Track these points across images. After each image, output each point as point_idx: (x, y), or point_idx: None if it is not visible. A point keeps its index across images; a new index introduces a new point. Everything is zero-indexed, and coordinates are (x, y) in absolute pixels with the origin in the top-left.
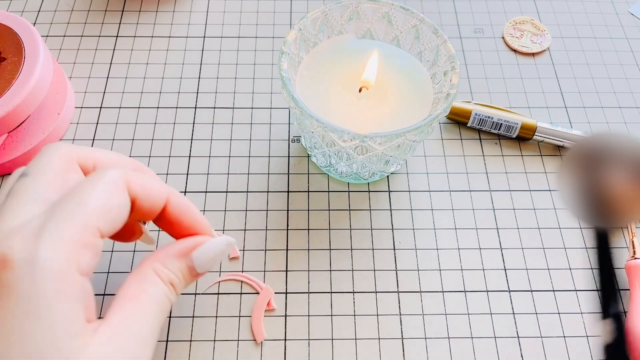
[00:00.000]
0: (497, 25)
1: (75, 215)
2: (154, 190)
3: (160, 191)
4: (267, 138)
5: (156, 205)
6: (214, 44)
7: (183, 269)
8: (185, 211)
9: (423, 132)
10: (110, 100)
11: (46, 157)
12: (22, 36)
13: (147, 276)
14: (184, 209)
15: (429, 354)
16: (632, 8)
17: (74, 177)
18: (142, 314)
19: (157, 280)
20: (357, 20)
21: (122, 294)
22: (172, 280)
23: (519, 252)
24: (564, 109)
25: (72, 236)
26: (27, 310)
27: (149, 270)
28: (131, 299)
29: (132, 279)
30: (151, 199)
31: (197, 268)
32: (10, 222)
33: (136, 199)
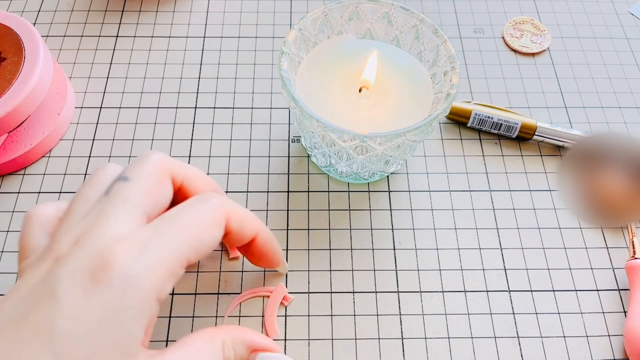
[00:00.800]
0: (497, 25)
1: (176, 243)
2: (246, 227)
3: (252, 228)
4: (267, 138)
5: (244, 240)
6: (214, 44)
7: (243, 359)
8: (269, 248)
9: (423, 132)
10: (110, 100)
11: (145, 164)
12: (22, 36)
13: (215, 342)
14: (268, 246)
15: (429, 354)
16: (632, 8)
17: (166, 189)
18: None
19: (219, 353)
20: (357, 20)
21: (188, 341)
22: (228, 359)
23: (519, 252)
24: (564, 109)
25: (167, 265)
26: (105, 319)
27: (219, 339)
28: (191, 349)
29: (202, 335)
30: (242, 235)
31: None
32: (114, 226)
33: (229, 233)
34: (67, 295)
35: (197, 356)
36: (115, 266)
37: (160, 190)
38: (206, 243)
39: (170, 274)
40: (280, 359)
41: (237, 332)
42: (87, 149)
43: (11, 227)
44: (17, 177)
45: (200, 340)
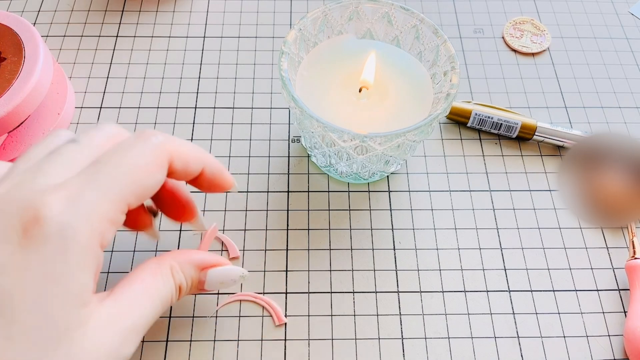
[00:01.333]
0: (497, 25)
1: (113, 188)
2: (191, 165)
3: (197, 164)
4: (267, 138)
5: (190, 177)
6: (214, 44)
7: (195, 279)
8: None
9: (423, 132)
10: (110, 100)
11: (98, 131)
12: (22, 36)
13: (163, 270)
14: (216, 177)
15: (429, 354)
16: (632, 8)
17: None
18: (146, 303)
19: (170, 280)
20: (357, 20)
21: (135, 275)
22: (181, 284)
23: (519, 252)
24: (564, 109)
25: (106, 212)
26: (48, 273)
27: (166, 265)
28: (141, 284)
29: (148, 266)
30: (187, 173)
31: (206, 285)
32: (48, 179)
33: (174, 173)
34: (2, 253)
35: (148, 288)
36: (47, 219)
37: None
38: (147, 187)
39: (109, 220)
40: (229, 270)
41: (183, 255)
42: None
43: None
44: None
45: (149, 271)
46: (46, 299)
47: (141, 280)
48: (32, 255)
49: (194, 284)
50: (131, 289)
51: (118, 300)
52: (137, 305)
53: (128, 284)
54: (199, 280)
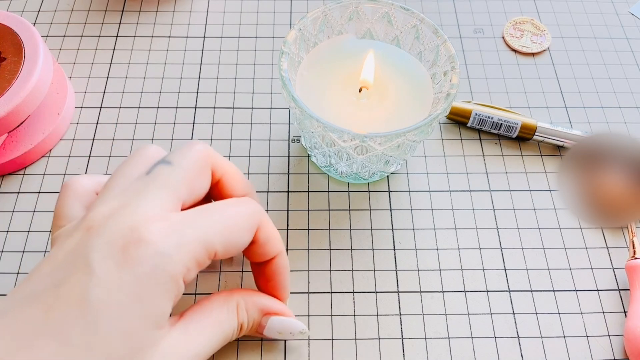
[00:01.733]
0: (497, 25)
1: (207, 232)
2: (271, 244)
3: (276, 247)
4: (267, 138)
5: (265, 256)
6: (214, 44)
7: (256, 322)
8: (283, 276)
9: (423, 132)
10: (110, 100)
11: (190, 151)
12: (22, 36)
13: (230, 306)
14: (282, 273)
15: (429, 354)
16: (632, 8)
17: (205, 180)
18: (211, 335)
19: (235, 316)
20: (357, 20)
21: (205, 306)
22: (243, 323)
23: (519, 252)
24: (564, 109)
25: (196, 250)
26: (136, 293)
27: (234, 302)
28: (209, 316)
29: (217, 299)
30: (265, 250)
31: (265, 330)
32: (150, 205)
33: (255, 243)
34: (100, 266)
35: (215, 321)
36: (148, 242)
37: (200, 180)
38: (235, 241)
39: (196, 259)
40: (291, 323)
41: (250, 296)
42: (87, 149)
43: (11, 227)
44: (17, 177)
45: (217, 304)
46: (129, 317)
47: (209, 312)
48: (126, 273)
49: (254, 327)
50: (200, 319)
51: (187, 327)
52: (203, 335)
53: (198, 313)
54: (259, 324)
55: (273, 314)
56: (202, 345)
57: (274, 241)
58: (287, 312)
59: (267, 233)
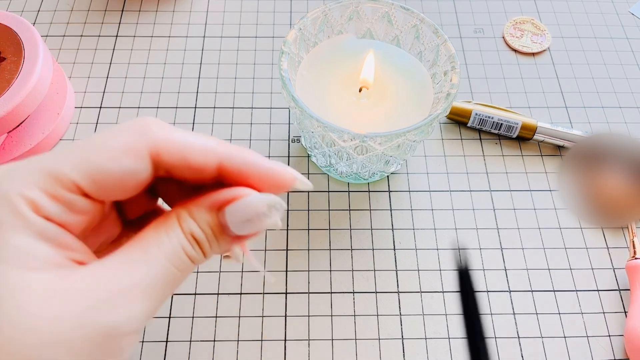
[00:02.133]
0: (498, 25)
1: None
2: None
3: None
4: (267, 138)
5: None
6: (214, 43)
7: (212, 224)
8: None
9: (423, 132)
10: (110, 100)
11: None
12: (21, 36)
13: (167, 222)
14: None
15: (429, 354)
16: (632, 8)
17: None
18: (146, 266)
19: (177, 230)
20: (357, 20)
21: (136, 238)
22: (195, 234)
23: (519, 252)
24: (565, 108)
25: (33, 179)
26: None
27: (172, 216)
28: (140, 244)
29: (153, 224)
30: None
31: (232, 227)
32: None
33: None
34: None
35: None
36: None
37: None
38: (106, 171)
39: (44, 190)
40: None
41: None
42: None
43: None
44: None
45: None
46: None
47: (141, 241)
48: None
49: (216, 231)
50: (125, 252)
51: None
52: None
53: (122, 249)
54: (218, 224)
55: (228, 202)
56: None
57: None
58: (243, 192)
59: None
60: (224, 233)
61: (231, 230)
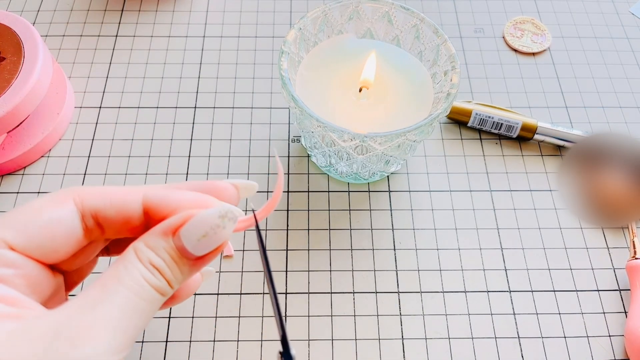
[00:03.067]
0: (498, 25)
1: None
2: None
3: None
4: (267, 138)
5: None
6: (214, 43)
7: (170, 250)
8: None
9: (423, 132)
10: (110, 100)
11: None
12: (21, 36)
13: (125, 257)
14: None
15: (429, 354)
16: (632, 8)
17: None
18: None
19: (134, 261)
20: (357, 20)
21: (95, 281)
22: (153, 262)
23: (519, 252)
24: (565, 108)
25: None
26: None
27: (129, 250)
28: (98, 283)
29: (112, 264)
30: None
31: (190, 249)
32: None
33: (97, 212)
34: None
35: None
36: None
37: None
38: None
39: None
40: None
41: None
42: (87, 148)
43: None
44: (17, 177)
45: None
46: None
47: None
48: None
49: (175, 256)
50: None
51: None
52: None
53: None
54: (175, 248)
55: (179, 226)
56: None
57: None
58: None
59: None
60: (184, 256)
61: (190, 253)
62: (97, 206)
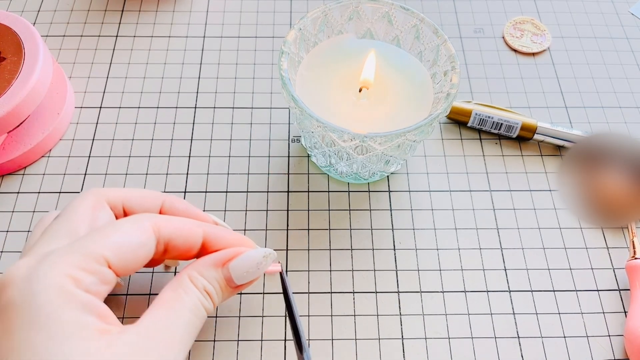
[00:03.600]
0: (498, 25)
1: (83, 246)
2: (185, 230)
3: (193, 230)
4: (267, 138)
5: (193, 243)
6: (214, 43)
7: (219, 279)
8: (223, 240)
9: (423, 132)
10: (110, 100)
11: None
12: (21, 36)
13: (182, 283)
14: (220, 240)
15: (429, 354)
16: (632, 8)
17: (103, 216)
18: (173, 320)
19: (192, 287)
20: (357, 20)
21: (157, 300)
22: (207, 288)
23: (519, 252)
24: (564, 108)
25: (73, 260)
26: (29, 321)
27: (184, 277)
28: (163, 304)
29: (168, 287)
30: (185, 238)
31: (235, 279)
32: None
33: (169, 241)
34: None
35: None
36: (15, 278)
37: (98, 216)
38: (128, 246)
39: (82, 268)
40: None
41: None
42: (87, 149)
43: (11, 227)
44: (17, 177)
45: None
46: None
47: (162, 303)
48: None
49: (222, 284)
50: (154, 314)
51: (140, 328)
52: (163, 329)
53: (150, 311)
54: (224, 278)
55: (229, 260)
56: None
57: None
58: (241, 250)
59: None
60: (229, 285)
61: (234, 282)
62: (171, 237)
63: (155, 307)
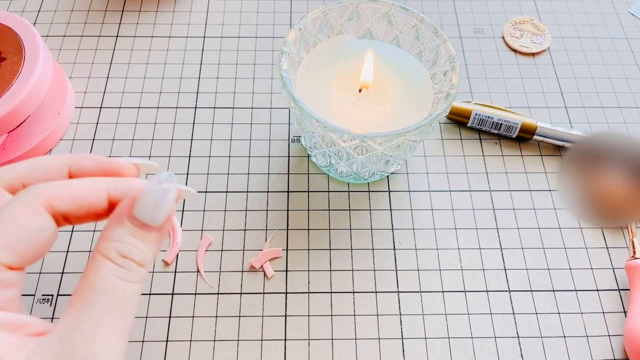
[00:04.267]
0: (497, 25)
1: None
2: (86, 195)
3: (95, 193)
4: (267, 138)
5: (95, 206)
6: (214, 44)
7: (131, 231)
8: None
9: (423, 132)
10: (110, 100)
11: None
12: (22, 36)
13: (95, 263)
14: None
15: (429, 354)
16: (632, 8)
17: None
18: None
19: (104, 263)
20: (357, 20)
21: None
22: (122, 252)
23: (519, 252)
24: (564, 109)
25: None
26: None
27: (95, 255)
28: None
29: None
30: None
31: (148, 221)
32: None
33: (68, 213)
34: None
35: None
36: None
37: None
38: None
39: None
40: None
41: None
42: (87, 149)
43: None
44: None
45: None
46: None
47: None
48: None
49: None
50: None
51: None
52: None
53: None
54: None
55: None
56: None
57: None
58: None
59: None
60: (147, 229)
61: (150, 225)
62: (68, 210)
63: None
